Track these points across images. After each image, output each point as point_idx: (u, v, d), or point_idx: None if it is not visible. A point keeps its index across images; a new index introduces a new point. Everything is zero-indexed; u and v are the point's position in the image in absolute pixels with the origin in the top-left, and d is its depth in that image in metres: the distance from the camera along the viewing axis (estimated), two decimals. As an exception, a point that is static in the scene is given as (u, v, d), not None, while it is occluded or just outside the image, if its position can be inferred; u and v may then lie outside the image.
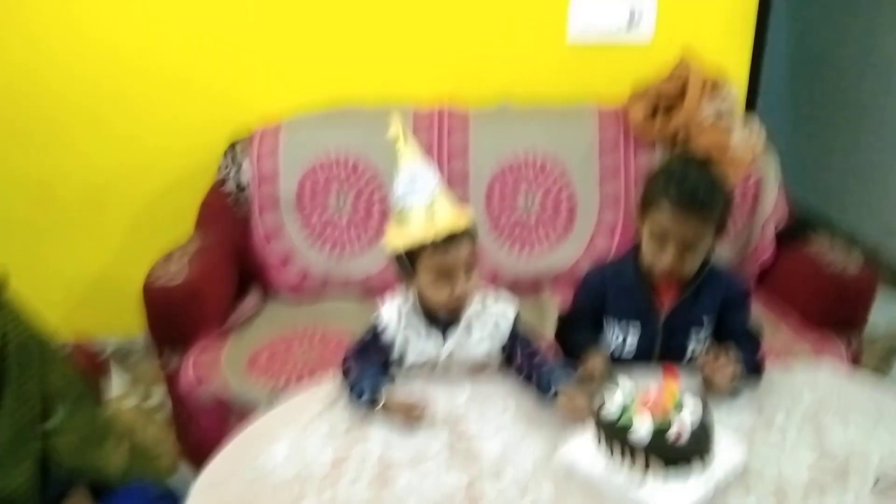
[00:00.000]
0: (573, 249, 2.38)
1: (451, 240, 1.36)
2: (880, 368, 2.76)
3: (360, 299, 2.34)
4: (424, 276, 1.40)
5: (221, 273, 2.25)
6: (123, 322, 2.63)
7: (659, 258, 1.42)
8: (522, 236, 2.39)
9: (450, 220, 1.38)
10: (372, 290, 2.34)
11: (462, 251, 1.38)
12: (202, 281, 2.07)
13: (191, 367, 1.97)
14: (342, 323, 2.18)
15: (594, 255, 2.36)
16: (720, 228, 1.43)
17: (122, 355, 2.81)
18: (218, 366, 1.98)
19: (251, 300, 2.31)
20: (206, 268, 2.14)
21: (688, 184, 1.37)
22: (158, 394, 2.56)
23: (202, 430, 1.94)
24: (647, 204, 1.44)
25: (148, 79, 2.49)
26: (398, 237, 1.39)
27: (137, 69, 2.48)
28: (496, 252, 2.38)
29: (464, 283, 1.40)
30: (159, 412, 2.49)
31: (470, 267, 1.41)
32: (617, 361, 1.53)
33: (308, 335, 2.15)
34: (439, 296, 1.41)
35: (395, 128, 1.39)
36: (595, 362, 1.43)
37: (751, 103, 3.60)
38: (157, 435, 2.36)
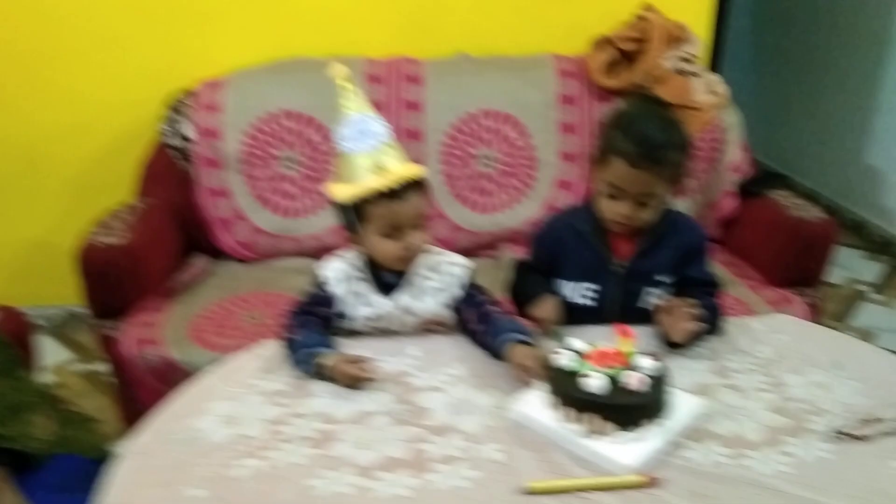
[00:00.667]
0: (532, 206, 2.32)
1: (401, 190, 1.29)
2: (839, 318, 2.77)
3: (312, 259, 2.24)
4: (373, 228, 1.33)
5: (165, 234, 2.16)
6: (66, 289, 2.51)
7: (614, 211, 1.37)
8: (480, 193, 2.33)
9: (400, 168, 1.30)
10: (325, 250, 2.21)
11: (413, 202, 1.31)
12: (143, 243, 1.99)
13: (130, 333, 1.88)
14: (292, 284, 2.06)
15: (554, 211, 2.29)
16: (678, 177, 1.38)
17: (65, 323, 2.69)
18: (159, 331, 1.89)
19: (198, 262, 2.23)
20: (148, 229, 2.06)
21: (642, 134, 1.31)
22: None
23: (143, 398, 1.85)
24: (601, 156, 1.38)
25: (85, 30, 2.34)
26: (345, 187, 1.32)
27: (73, 19, 2.33)
28: (453, 209, 2.31)
29: (414, 237, 1.33)
30: (106, 380, 2.39)
31: (420, 221, 1.34)
32: (574, 317, 1.47)
33: (256, 297, 2.07)
34: (388, 249, 1.34)
35: (339, 71, 1.30)
36: (546, 307, 1.38)
37: (714, 63, 3.55)
38: (102, 404, 2.27)
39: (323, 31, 2.41)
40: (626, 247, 1.45)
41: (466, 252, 2.28)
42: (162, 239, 2.13)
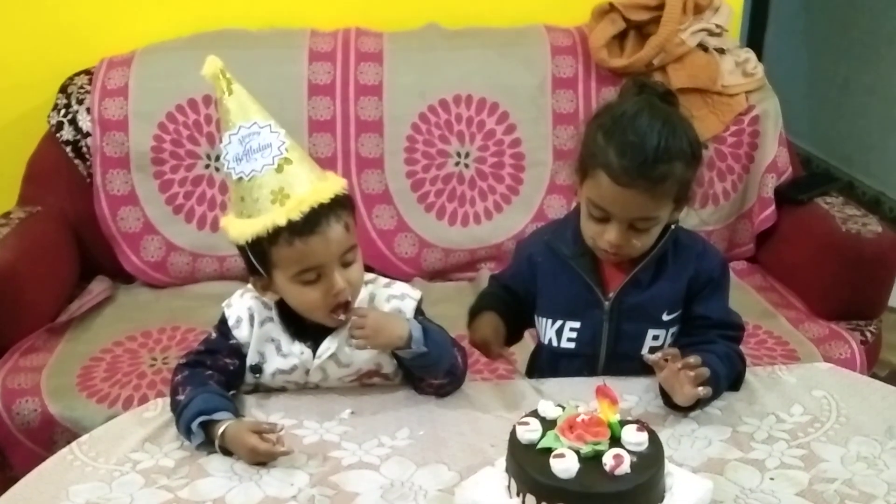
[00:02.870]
0: (519, 216, 2.29)
1: (313, 219, 1.21)
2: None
3: (239, 283, 2.19)
4: (283, 274, 1.25)
5: (52, 252, 2.13)
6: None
7: (599, 236, 1.31)
8: (454, 199, 2.29)
9: (308, 189, 1.22)
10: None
11: (332, 233, 1.23)
12: (20, 263, 1.95)
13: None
14: (212, 316, 2.03)
15: (546, 221, 2.24)
16: (683, 194, 1.31)
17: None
18: (39, 378, 1.84)
19: (96, 287, 2.19)
20: (29, 245, 2.02)
21: (631, 141, 1.24)
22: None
23: (17, 464, 1.79)
24: (583, 164, 1.31)
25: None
26: (240, 223, 1.25)
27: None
28: (419, 220, 2.28)
29: (340, 279, 1.25)
30: None
31: (348, 254, 1.26)
32: (556, 364, 1.43)
33: (167, 332, 2.03)
34: (310, 300, 1.27)
35: (211, 65, 1.24)
36: (481, 329, 1.37)
37: (754, 36, 3.50)
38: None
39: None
40: (618, 275, 1.38)
41: (437, 274, 2.30)
42: (48, 258, 2.09)
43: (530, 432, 1.09)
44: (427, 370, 1.31)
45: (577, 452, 1.04)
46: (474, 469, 1.16)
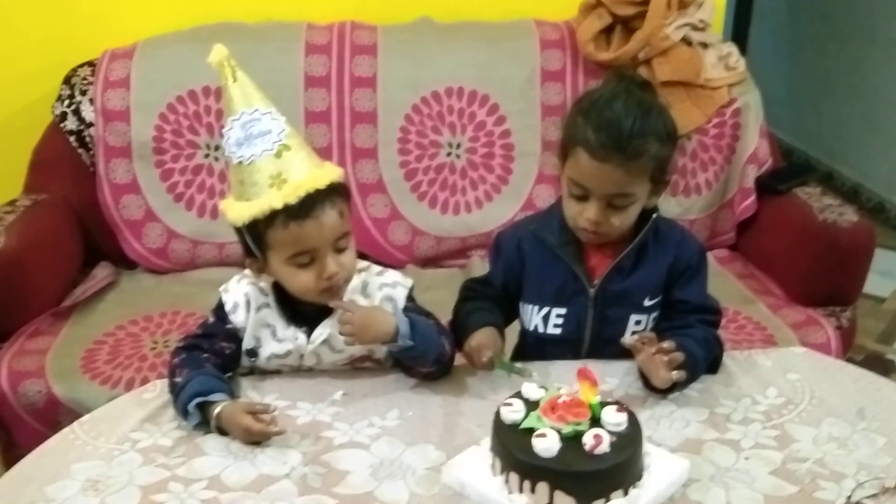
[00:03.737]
0: (508, 205, 2.28)
1: (309, 205, 1.21)
2: (885, 340, 2.72)
3: (238, 269, 2.18)
4: (278, 257, 1.25)
5: (57, 239, 2.13)
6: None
7: (579, 215, 1.31)
8: (446, 188, 2.29)
9: (306, 176, 1.22)
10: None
11: (326, 218, 1.23)
12: (26, 249, 1.94)
13: (5, 364, 1.82)
14: (212, 300, 2.02)
15: (535, 210, 2.24)
16: (659, 174, 1.32)
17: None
18: (44, 360, 1.84)
19: (99, 273, 2.18)
20: (35, 232, 2.02)
21: (608, 119, 1.26)
22: None
23: (22, 443, 1.79)
24: (563, 147, 1.33)
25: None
26: (238, 206, 1.25)
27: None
28: (412, 209, 2.27)
29: (333, 264, 1.25)
30: None
31: (341, 240, 1.27)
32: (543, 350, 1.43)
33: (168, 317, 2.02)
34: (302, 282, 1.27)
35: (217, 53, 1.24)
36: (479, 337, 1.33)
37: (738, 31, 3.48)
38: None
39: (255, -12, 2.36)
40: (602, 261, 1.39)
41: (429, 261, 2.30)
42: (53, 244, 2.09)
43: (514, 413, 1.10)
44: (414, 361, 1.32)
45: (559, 432, 1.06)
46: (460, 448, 1.17)
